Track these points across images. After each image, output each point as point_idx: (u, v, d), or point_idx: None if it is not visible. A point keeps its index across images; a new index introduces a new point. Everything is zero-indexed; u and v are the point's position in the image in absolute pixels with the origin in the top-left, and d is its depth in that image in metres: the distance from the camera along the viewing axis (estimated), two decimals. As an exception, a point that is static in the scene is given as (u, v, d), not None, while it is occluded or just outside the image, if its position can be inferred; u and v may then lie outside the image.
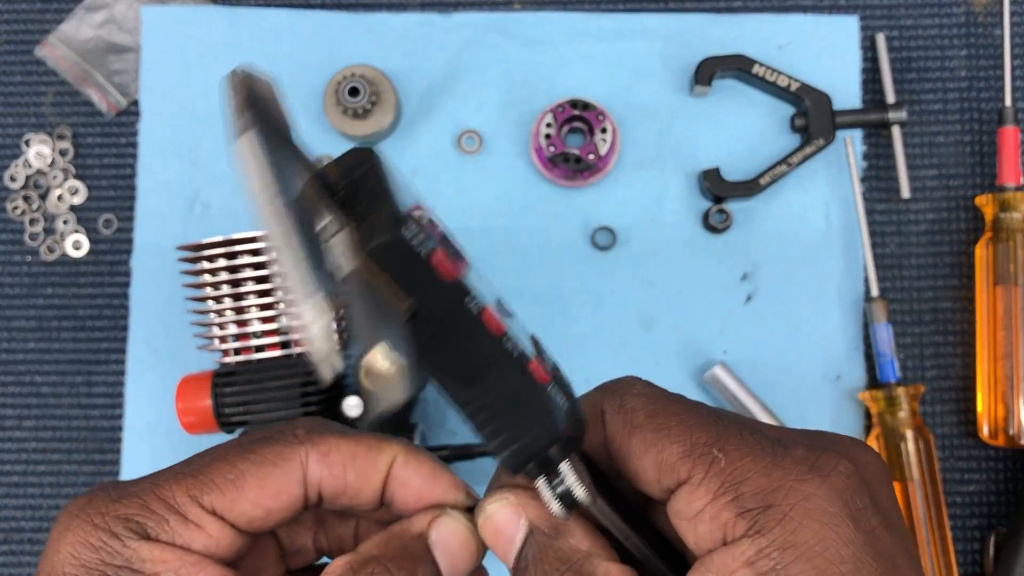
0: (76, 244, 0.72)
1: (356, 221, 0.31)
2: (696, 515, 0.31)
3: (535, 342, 0.35)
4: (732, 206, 0.71)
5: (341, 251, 0.32)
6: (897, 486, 0.66)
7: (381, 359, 0.32)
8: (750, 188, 0.70)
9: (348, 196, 0.32)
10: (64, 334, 0.72)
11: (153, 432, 0.70)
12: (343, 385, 0.66)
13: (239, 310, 0.62)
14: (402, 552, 0.35)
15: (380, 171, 0.33)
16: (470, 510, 0.37)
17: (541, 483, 0.33)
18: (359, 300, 0.32)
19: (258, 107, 0.33)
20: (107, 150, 0.73)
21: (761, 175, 0.70)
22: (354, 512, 0.39)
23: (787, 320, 0.71)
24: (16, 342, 0.72)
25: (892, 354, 0.68)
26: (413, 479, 0.37)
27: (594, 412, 0.35)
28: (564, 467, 0.33)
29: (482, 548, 0.36)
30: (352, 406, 0.60)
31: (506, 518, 0.35)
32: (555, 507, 0.33)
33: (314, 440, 0.37)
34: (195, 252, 0.62)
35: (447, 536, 0.36)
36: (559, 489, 0.33)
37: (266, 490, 0.36)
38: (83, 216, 0.73)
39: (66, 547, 0.34)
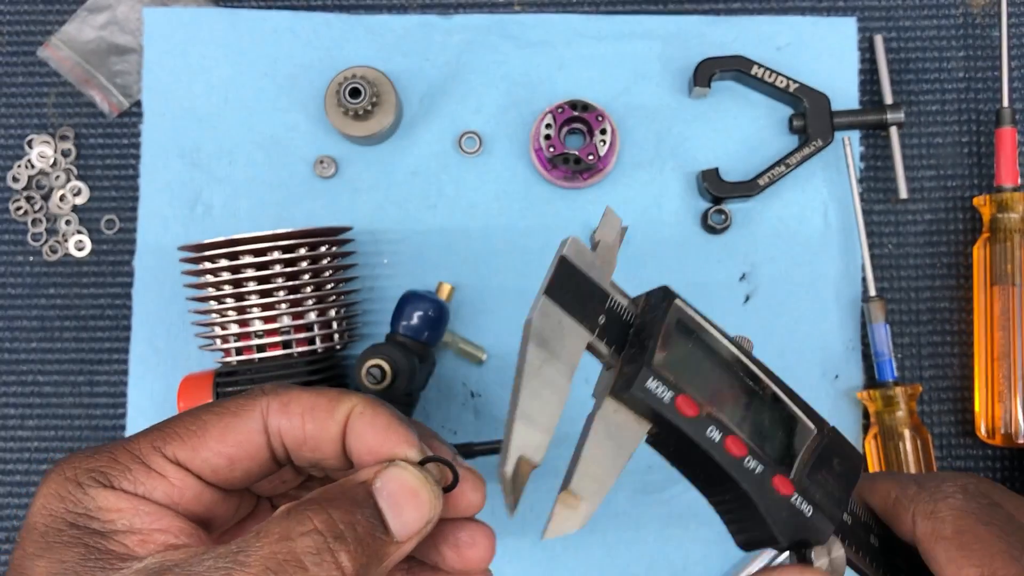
0: (79, 244, 0.73)
1: (623, 364, 0.37)
2: None
3: (810, 460, 0.39)
4: (731, 207, 0.72)
5: (602, 386, 0.38)
6: (895, 485, 0.67)
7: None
8: (749, 189, 0.70)
9: (635, 335, 0.38)
10: (66, 334, 0.72)
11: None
12: (343, 385, 0.66)
13: (241, 310, 0.62)
14: (342, 495, 0.35)
15: (665, 316, 0.38)
16: (441, 466, 0.37)
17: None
18: (614, 420, 0.37)
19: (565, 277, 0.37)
20: (109, 151, 0.74)
21: (760, 176, 0.70)
22: (323, 468, 0.40)
23: (785, 320, 0.71)
24: (19, 342, 0.72)
25: (890, 354, 0.69)
26: (367, 432, 0.37)
27: (905, 498, 0.38)
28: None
29: (435, 501, 0.36)
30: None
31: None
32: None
33: (277, 392, 0.38)
34: (197, 252, 0.62)
35: (392, 484, 0.36)
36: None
37: (227, 438, 0.37)
38: (85, 216, 0.73)
39: (40, 499, 0.35)
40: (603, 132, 0.70)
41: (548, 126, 0.70)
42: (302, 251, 0.62)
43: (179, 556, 0.34)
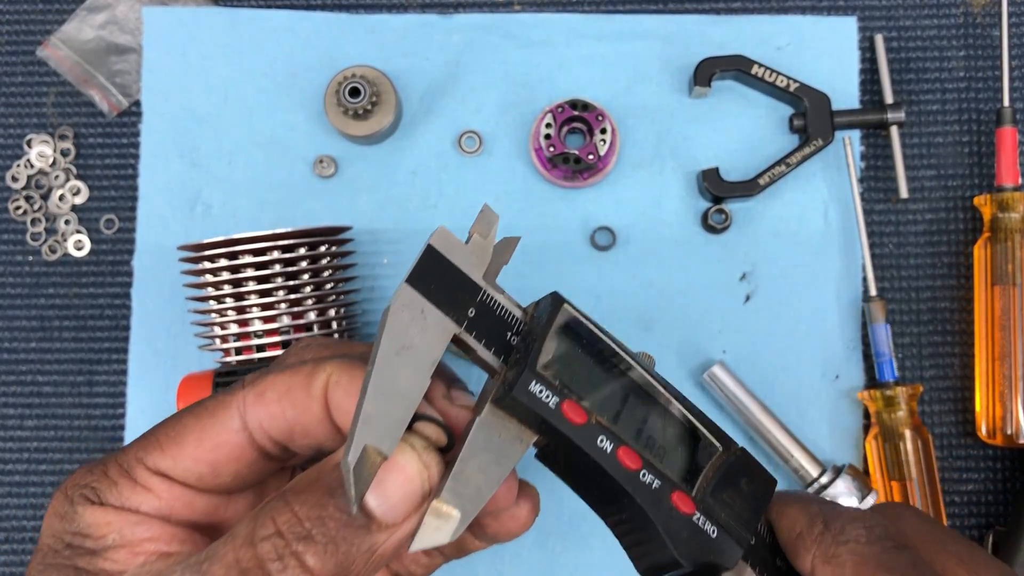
0: (78, 244, 0.73)
1: (507, 370, 0.35)
2: None
3: (714, 475, 0.37)
4: (731, 206, 0.72)
5: (485, 394, 0.36)
6: (896, 486, 0.67)
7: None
8: (749, 188, 0.70)
9: (522, 340, 0.36)
10: (66, 334, 0.72)
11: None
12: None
13: (240, 310, 0.62)
14: (312, 485, 0.32)
15: (553, 319, 0.36)
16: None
17: None
18: (496, 427, 0.35)
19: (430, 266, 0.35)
20: (109, 150, 0.74)
21: (760, 175, 0.70)
22: (324, 455, 0.36)
23: (786, 320, 0.71)
24: (18, 342, 0.72)
25: (890, 354, 0.68)
26: (346, 401, 0.35)
27: (808, 536, 0.35)
28: None
29: (425, 471, 0.33)
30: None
31: None
32: None
33: (254, 382, 0.36)
34: (196, 252, 0.62)
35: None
36: None
37: (204, 443, 0.35)
38: (85, 216, 0.73)
39: (46, 519, 0.35)
40: (603, 132, 0.70)
41: (548, 125, 0.70)
42: (302, 251, 0.62)
43: (159, 566, 0.33)
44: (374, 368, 0.32)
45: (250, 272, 0.61)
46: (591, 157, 0.69)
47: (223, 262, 0.61)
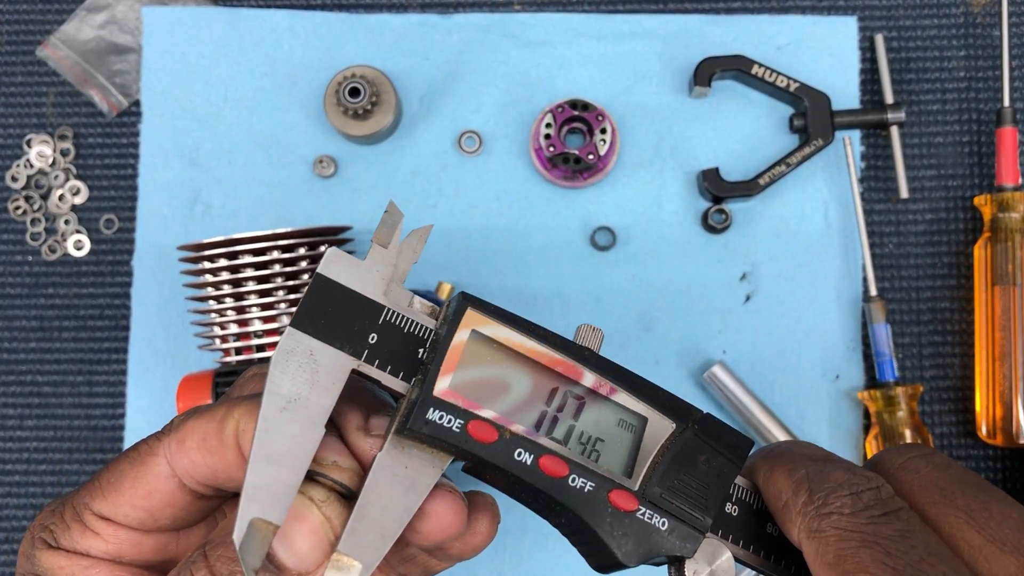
0: (77, 244, 0.72)
1: (410, 393, 0.34)
2: None
3: (655, 473, 0.35)
4: (731, 206, 0.72)
5: (390, 423, 0.34)
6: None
7: None
8: (749, 188, 0.70)
9: (429, 352, 0.34)
10: (65, 334, 0.72)
11: (154, 431, 0.70)
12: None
13: (240, 310, 0.62)
14: (227, 537, 0.33)
15: (455, 329, 0.34)
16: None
17: None
18: (401, 459, 0.33)
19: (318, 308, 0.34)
20: (108, 150, 0.74)
21: (760, 175, 0.70)
22: None
23: (786, 320, 0.71)
24: (18, 342, 0.72)
25: (891, 354, 0.68)
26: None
27: (793, 506, 0.33)
28: None
29: (330, 522, 0.32)
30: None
31: None
32: None
33: (178, 428, 0.36)
34: (196, 252, 0.62)
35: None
36: None
37: (138, 490, 0.36)
38: (84, 216, 0.73)
39: (18, 557, 0.36)
40: (603, 131, 0.70)
41: (548, 125, 0.70)
42: (301, 251, 0.62)
43: None
44: (256, 432, 0.32)
45: (250, 272, 0.61)
46: (591, 157, 0.69)
47: (223, 262, 0.61)
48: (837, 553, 0.30)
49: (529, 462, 0.33)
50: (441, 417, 0.33)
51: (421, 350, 0.34)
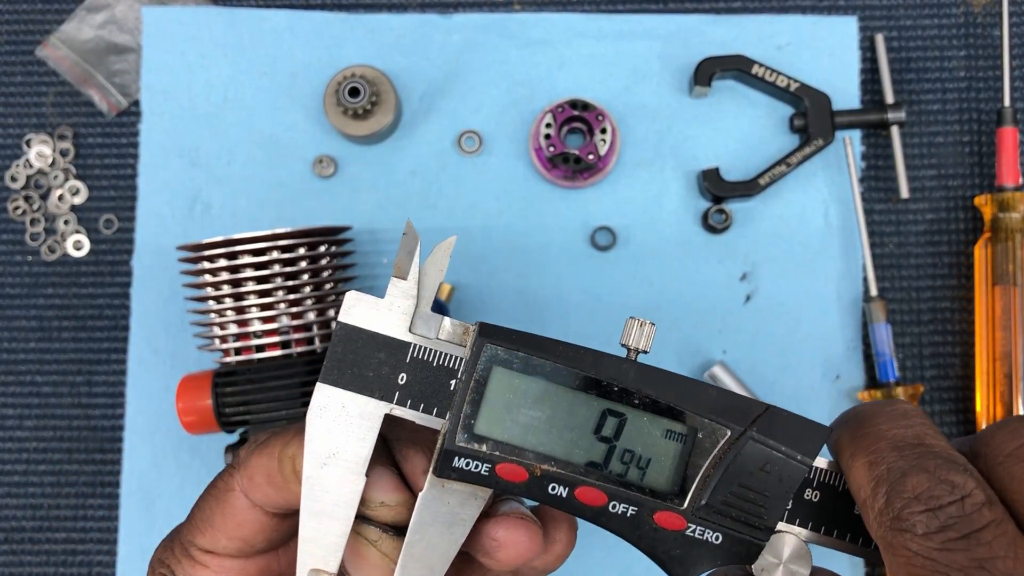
0: (77, 244, 0.72)
1: (444, 427, 0.34)
2: None
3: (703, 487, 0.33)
4: (731, 206, 0.71)
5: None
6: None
7: None
8: (749, 188, 0.70)
9: (456, 388, 0.34)
10: (65, 334, 0.72)
11: (153, 432, 0.70)
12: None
13: (239, 310, 0.62)
14: None
15: (474, 368, 0.33)
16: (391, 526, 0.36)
17: None
18: (443, 495, 0.34)
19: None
20: (108, 150, 0.73)
21: (760, 175, 0.70)
22: None
23: (786, 320, 0.71)
24: (17, 342, 0.72)
25: (891, 354, 0.68)
26: None
27: (870, 510, 0.30)
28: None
29: (391, 561, 0.35)
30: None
31: None
32: None
33: (245, 463, 0.37)
34: (196, 252, 0.62)
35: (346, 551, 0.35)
36: None
37: (228, 524, 0.38)
38: (84, 216, 0.73)
39: None
40: (603, 131, 0.70)
41: (548, 125, 0.70)
42: (301, 251, 0.62)
43: None
44: (303, 489, 0.34)
45: (249, 272, 0.61)
46: (591, 157, 0.69)
47: (222, 262, 0.61)
48: (908, 574, 0.28)
49: (565, 495, 0.33)
50: (468, 464, 0.33)
51: (453, 381, 0.34)
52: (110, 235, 0.73)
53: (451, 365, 0.34)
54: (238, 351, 0.62)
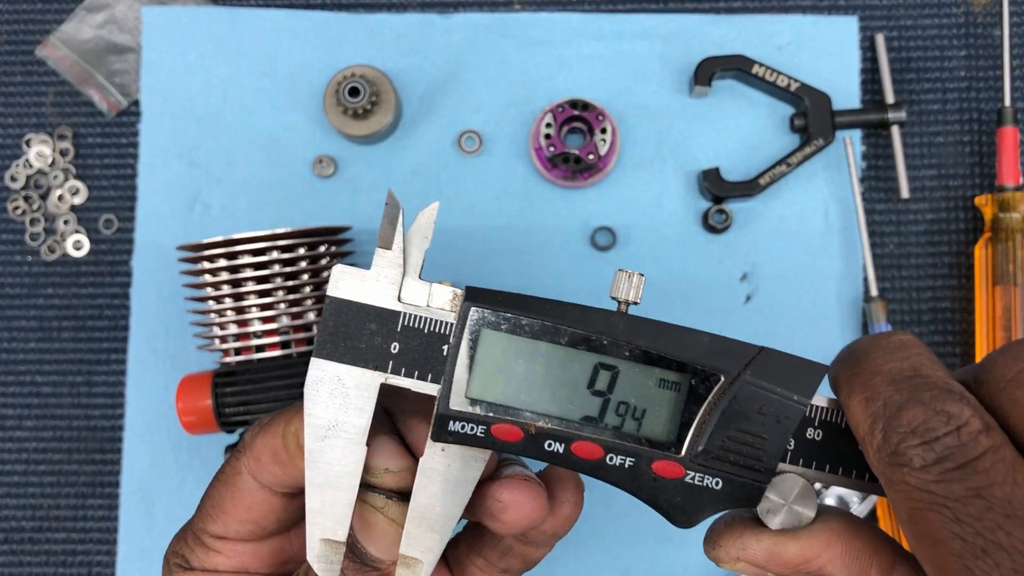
0: (77, 244, 0.72)
1: (440, 393, 0.34)
2: None
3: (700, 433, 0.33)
4: (732, 206, 0.71)
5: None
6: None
7: None
8: (750, 188, 0.70)
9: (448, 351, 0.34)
10: (65, 334, 0.72)
11: (153, 432, 0.70)
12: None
13: (239, 310, 0.62)
14: None
15: (462, 333, 0.34)
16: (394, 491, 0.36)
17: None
18: (444, 459, 0.35)
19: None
20: (108, 150, 0.73)
21: (761, 175, 0.70)
22: None
23: (786, 320, 0.71)
24: (17, 342, 0.72)
25: (891, 354, 0.68)
26: None
27: (869, 447, 0.29)
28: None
29: (394, 523, 0.35)
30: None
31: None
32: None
33: (250, 446, 0.38)
34: (196, 252, 0.62)
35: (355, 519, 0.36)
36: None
37: (239, 507, 0.39)
38: (84, 216, 0.73)
39: None
40: (603, 131, 0.70)
41: (548, 125, 0.70)
42: (301, 251, 0.62)
43: None
44: (306, 463, 0.34)
45: (249, 272, 0.61)
46: (591, 157, 0.69)
47: (222, 262, 0.61)
48: (908, 512, 0.27)
49: (561, 450, 0.33)
50: (463, 427, 0.33)
51: (446, 347, 0.34)
52: (110, 235, 0.73)
53: (442, 331, 0.34)
54: (238, 351, 0.62)
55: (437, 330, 0.34)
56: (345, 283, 0.35)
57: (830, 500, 0.67)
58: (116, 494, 0.70)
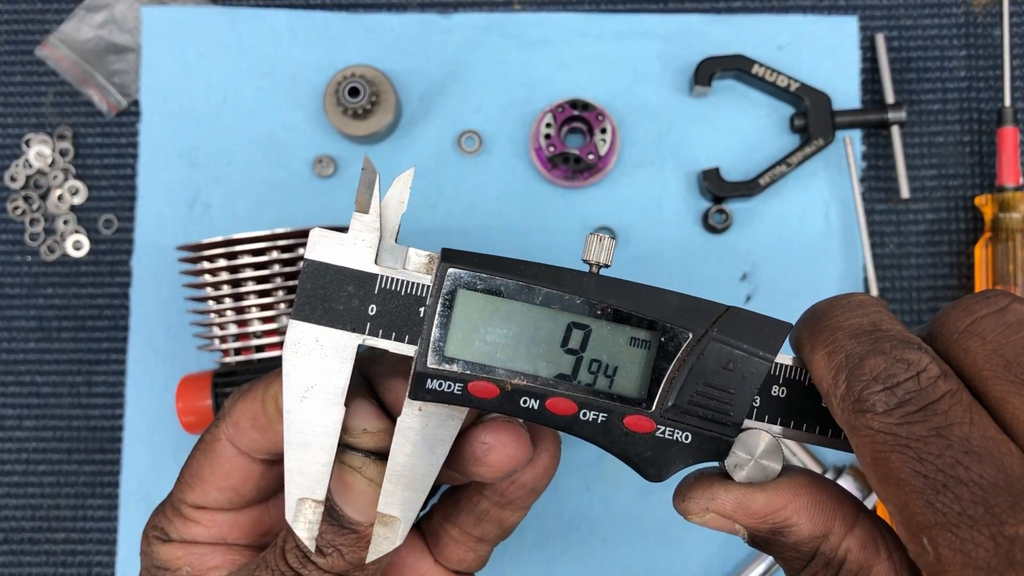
0: (76, 244, 0.72)
1: (416, 353, 0.35)
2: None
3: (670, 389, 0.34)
4: (732, 206, 0.71)
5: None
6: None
7: None
8: (750, 188, 0.70)
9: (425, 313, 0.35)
10: (64, 334, 0.72)
11: (153, 432, 0.70)
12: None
13: (239, 310, 0.62)
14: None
15: (439, 295, 0.35)
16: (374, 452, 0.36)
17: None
18: (420, 418, 0.35)
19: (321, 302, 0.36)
20: (107, 150, 0.73)
21: (761, 175, 0.70)
22: None
23: (786, 320, 0.71)
24: (16, 342, 0.72)
25: (891, 354, 0.68)
26: None
27: (833, 396, 0.30)
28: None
29: (372, 484, 0.36)
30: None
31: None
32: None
33: (230, 411, 0.38)
34: (195, 252, 0.62)
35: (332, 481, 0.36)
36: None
37: (217, 474, 0.39)
38: (83, 216, 0.73)
39: (141, 559, 0.41)
40: (603, 131, 0.70)
41: (548, 125, 0.70)
42: (301, 251, 0.62)
43: None
44: (284, 424, 0.34)
45: (249, 272, 0.61)
46: (591, 157, 0.69)
47: (222, 262, 0.61)
48: (872, 456, 0.29)
49: (536, 407, 0.34)
50: (440, 385, 0.34)
51: (423, 308, 0.35)
52: (110, 235, 0.73)
53: (419, 293, 0.35)
54: (238, 351, 0.62)
55: (413, 292, 0.35)
56: (323, 246, 0.35)
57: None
58: (116, 494, 0.70)
